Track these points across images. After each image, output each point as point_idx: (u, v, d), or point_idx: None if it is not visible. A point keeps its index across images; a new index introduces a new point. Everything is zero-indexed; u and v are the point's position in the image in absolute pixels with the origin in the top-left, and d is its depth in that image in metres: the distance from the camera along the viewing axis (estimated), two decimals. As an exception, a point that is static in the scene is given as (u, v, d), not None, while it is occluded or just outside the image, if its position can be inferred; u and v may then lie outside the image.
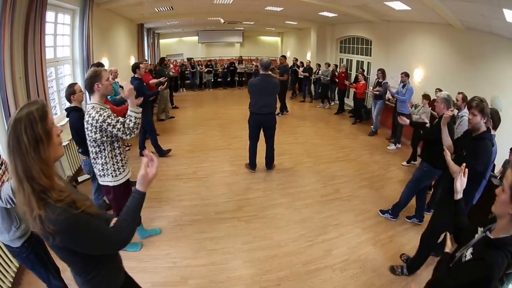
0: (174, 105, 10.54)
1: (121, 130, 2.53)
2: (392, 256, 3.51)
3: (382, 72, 7.97)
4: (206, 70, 14.55)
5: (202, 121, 8.89)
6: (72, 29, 5.91)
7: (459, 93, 4.64)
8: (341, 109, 10.52)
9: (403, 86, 6.92)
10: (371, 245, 3.70)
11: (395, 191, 4.99)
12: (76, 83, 3.47)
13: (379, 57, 9.72)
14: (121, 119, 2.57)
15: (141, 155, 5.97)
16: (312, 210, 4.37)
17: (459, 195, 1.97)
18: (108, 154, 2.75)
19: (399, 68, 7.98)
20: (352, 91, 10.16)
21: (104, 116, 2.51)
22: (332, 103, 11.59)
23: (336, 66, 11.30)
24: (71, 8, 5.71)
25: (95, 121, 2.51)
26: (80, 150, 3.73)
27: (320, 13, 9.88)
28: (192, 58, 14.49)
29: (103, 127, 2.52)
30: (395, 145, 7.23)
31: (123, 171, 2.92)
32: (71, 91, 3.26)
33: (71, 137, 3.98)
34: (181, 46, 18.81)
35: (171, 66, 11.32)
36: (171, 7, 9.19)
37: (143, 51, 11.66)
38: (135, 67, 5.58)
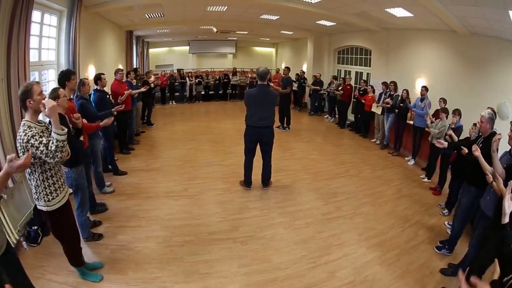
0: (145, 121, 9.96)
1: (44, 152, 2.40)
2: (400, 276, 3.47)
3: (394, 85, 8.12)
4: (195, 81, 14.60)
5: (192, 136, 8.86)
6: (58, 31, 5.86)
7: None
8: (343, 122, 10.63)
9: (421, 100, 6.99)
10: (378, 265, 3.66)
11: (399, 207, 5.11)
12: (60, 88, 3.38)
13: (379, 67, 9.87)
14: (44, 140, 2.42)
15: (116, 173, 5.95)
16: (313, 230, 4.33)
17: (506, 218, 1.90)
18: (39, 177, 2.60)
19: (400, 78, 8.25)
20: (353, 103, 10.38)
21: (28, 136, 2.40)
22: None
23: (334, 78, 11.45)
24: (59, 9, 5.67)
25: (22, 140, 2.40)
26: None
27: (318, 22, 10.02)
28: (182, 69, 14.57)
29: (27, 147, 2.40)
30: (414, 159, 7.36)
31: (57, 196, 2.75)
32: (55, 95, 3.15)
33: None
34: (171, 56, 18.86)
35: (152, 78, 11.08)
36: (162, 13, 9.28)
37: (132, 59, 11.65)
38: (97, 78, 5.35)
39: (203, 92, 15.07)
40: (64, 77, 3.80)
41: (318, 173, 6.34)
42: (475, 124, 4.64)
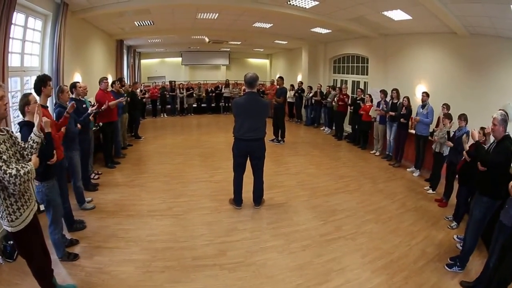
0: (133, 134, 9.60)
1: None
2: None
3: (396, 92, 7.82)
4: (186, 94, 14.28)
5: (182, 150, 8.46)
6: (43, 36, 5.72)
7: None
8: (340, 134, 10.27)
9: (423, 107, 6.79)
10: (385, 291, 3.25)
11: (404, 223, 4.76)
12: (31, 93, 3.12)
13: (377, 74, 9.67)
14: (4, 157, 2.23)
15: (87, 188, 5.47)
16: (311, 254, 3.88)
17: None
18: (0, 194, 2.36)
19: (400, 85, 8.02)
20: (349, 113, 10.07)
21: None
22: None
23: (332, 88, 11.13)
24: (44, 12, 5.55)
25: None
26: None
27: (312, 30, 9.88)
28: (174, 81, 14.29)
29: None
30: (419, 170, 7.11)
31: (20, 216, 2.50)
32: (25, 101, 2.92)
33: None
34: (164, 68, 18.76)
35: (139, 89, 10.75)
36: (152, 21, 9.11)
37: (122, 70, 11.44)
38: (72, 86, 5.09)
39: (195, 105, 14.75)
40: (40, 83, 3.58)
41: (315, 189, 5.92)
42: (482, 128, 4.42)
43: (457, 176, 4.87)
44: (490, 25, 5.62)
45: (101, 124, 6.52)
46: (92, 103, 6.72)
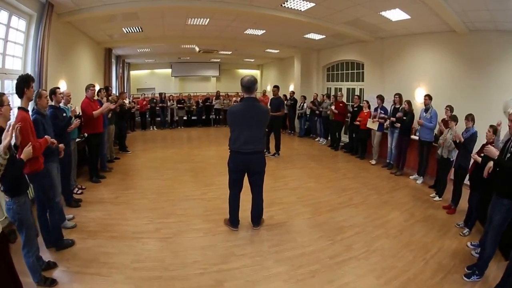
0: (119, 146, 9.00)
1: None
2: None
3: (399, 97, 7.43)
4: (177, 106, 13.72)
5: (171, 164, 7.83)
6: (26, 37, 5.45)
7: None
8: (336, 144, 9.78)
9: (426, 111, 6.47)
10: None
11: (415, 235, 4.39)
12: (4, 94, 2.83)
13: (374, 80, 9.33)
14: None
15: (69, 204, 4.99)
16: (321, 280, 3.32)
17: None
18: None
19: (398, 89, 7.73)
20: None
21: None
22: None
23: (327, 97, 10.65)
24: (28, 12, 5.29)
25: None
26: (1, 188, 2.82)
27: (306, 36, 9.55)
28: (164, 93, 13.76)
29: None
30: (423, 177, 6.77)
31: None
32: None
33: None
34: (153, 79, 18.27)
35: (127, 100, 10.17)
36: (140, 27, 8.71)
37: (110, 80, 10.94)
38: (51, 93, 4.51)
39: (185, 118, 14.16)
40: (23, 83, 3.24)
41: (318, 205, 5.37)
42: (491, 127, 4.26)
43: (467, 181, 4.72)
44: (490, 18, 5.50)
45: (85, 135, 5.97)
46: (78, 112, 6.28)
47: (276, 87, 8.84)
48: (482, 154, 4.04)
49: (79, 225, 4.33)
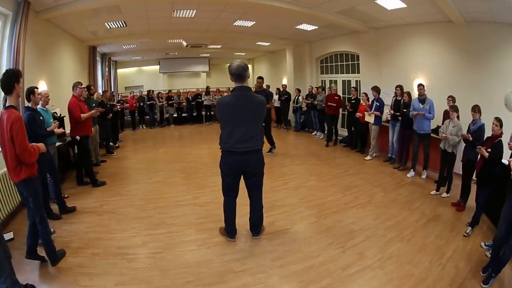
0: (115, 146, 8.83)
1: None
2: None
3: (400, 89, 6.91)
4: (166, 103, 13.07)
5: (161, 165, 7.22)
6: (1, 38, 5.12)
7: None
8: (335, 138, 9.22)
9: (422, 101, 6.02)
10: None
11: (429, 237, 4.00)
12: None
13: (370, 71, 8.86)
14: None
15: (62, 211, 4.55)
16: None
17: None
18: None
19: (396, 81, 7.25)
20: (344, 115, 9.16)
21: None
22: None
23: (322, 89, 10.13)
24: (3, 12, 4.97)
25: None
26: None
27: (297, 27, 9.03)
28: (152, 90, 13.09)
29: None
30: (422, 171, 6.38)
31: None
32: None
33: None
34: (141, 77, 17.53)
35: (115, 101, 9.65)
36: (124, 22, 8.08)
37: (96, 79, 10.34)
38: (29, 92, 3.93)
39: (175, 115, 13.52)
40: (14, 78, 2.91)
41: (323, 206, 4.85)
42: (497, 119, 3.94)
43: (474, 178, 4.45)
44: (487, 10, 5.28)
45: (78, 138, 5.43)
46: (59, 115, 5.90)
47: (260, 78, 7.93)
48: (489, 150, 3.81)
49: (59, 240, 3.71)
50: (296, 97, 11.35)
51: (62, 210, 4.53)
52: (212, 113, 13.66)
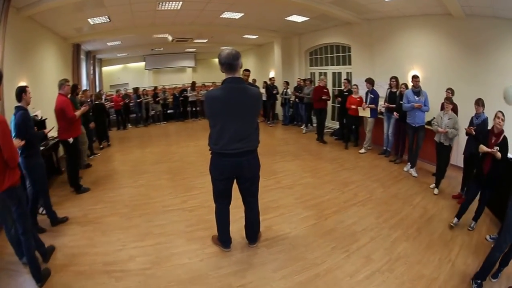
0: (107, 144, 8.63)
1: None
2: None
3: (396, 80, 6.71)
4: (152, 100, 12.52)
5: (146, 166, 6.71)
6: None
7: None
8: (321, 134, 8.79)
9: (418, 94, 5.76)
10: None
11: (434, 233, 3.84)
12: None
13: (362, 63, 8.57)
14: None
15: (54, 223, 4.12)
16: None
17: None
18: None
19: (389, 73, 7.04)
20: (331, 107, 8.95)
21: None
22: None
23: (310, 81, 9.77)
24: None
25: None
26: None
27: (287, 19, 8.63)
28: (138, 88, 12.52)
29: None
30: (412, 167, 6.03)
31: None
32: None
33: None
34: (127, 74, 16.83)
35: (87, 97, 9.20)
36: (108, 17, 7.60)
37: (80, 78, 9.83)
38: (20, 91, 3.58)
39: (157, 112, 12.95)
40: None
41: (321, 206, 4.53)
42: (502, 113, 3.72)
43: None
44: (489, 4, 5.12)
45: (71, 140, 5.00)
46: (40, 117, 5.58)
47: (247, 71, 6.78)
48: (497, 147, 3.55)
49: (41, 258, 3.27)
50: (285, 90, 10.97)
51: (53, 222, 4.10)
52: (197, 109, 13.17)
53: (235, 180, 3.18)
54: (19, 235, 2.86)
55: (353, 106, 7.39)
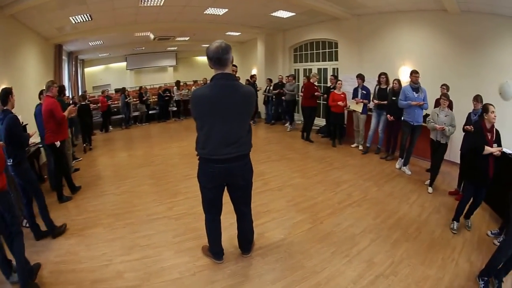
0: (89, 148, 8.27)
1: None
2: None
3: (386, 77, 6.58)
4: (138, 101, 12.07)
5: (128, 171, 6.31)
6: None
7: None
8: (307, 133, 8.50)
9: (417, 90, 5.54)
10: None
11: (435, 232, 3.76)
12: None
13: (350, 58, 8.44)
14: None
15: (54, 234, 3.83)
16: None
17: None
18: None
19: (378, 69, 6.90)
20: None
21: None
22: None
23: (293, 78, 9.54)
24: None
25: None
26: None
27: (273, 14, 8.42)
28: (125, 88, 12.12)
29: None
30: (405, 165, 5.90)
31: None
32: None
33: None
34: (108, 75, 16.32)
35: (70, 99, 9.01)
36: (90, 15, 7.32)
37: (62, 79, 9.49)
38: (6, 93, 3.43)
39: (143, 112, 12.47)
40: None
41: (315, 208, 4.32)
42: (492, 105, 3.70)
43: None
44: (485, 0, 5.12)
45: (58, 143, 4.73)
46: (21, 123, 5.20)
47: (235, 66, 6.50)
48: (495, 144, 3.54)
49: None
50: (268, 88, 10.70)
51: (52, 232, 3.80)
52: (181, 108, 12.77)
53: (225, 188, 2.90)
54: (4, 255, 2.73)
55: (339, 103, 7.20)
